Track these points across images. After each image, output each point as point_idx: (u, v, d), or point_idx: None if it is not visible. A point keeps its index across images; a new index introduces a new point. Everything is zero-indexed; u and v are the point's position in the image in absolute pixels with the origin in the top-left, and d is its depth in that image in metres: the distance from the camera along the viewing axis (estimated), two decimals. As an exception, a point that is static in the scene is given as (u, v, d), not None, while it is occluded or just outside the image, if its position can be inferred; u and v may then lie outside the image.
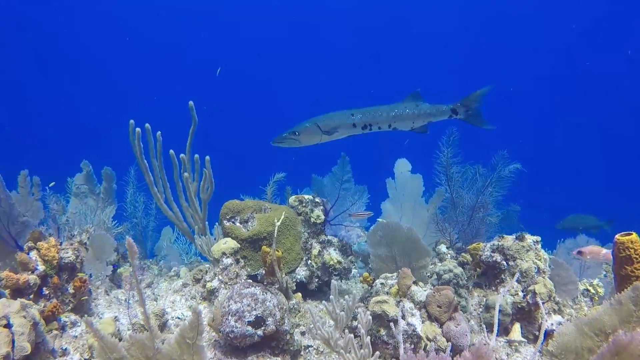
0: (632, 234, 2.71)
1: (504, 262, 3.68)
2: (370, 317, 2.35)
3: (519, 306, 3.52)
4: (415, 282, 3.34)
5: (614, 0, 27.35)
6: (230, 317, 3.27)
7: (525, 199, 6.44)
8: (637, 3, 27.34)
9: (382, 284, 3.47)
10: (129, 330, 3.47)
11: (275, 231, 3.75)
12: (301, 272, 4.33)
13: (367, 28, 32.69)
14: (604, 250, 3.76)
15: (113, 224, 5.32)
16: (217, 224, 4.40)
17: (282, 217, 3.89)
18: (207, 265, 4.10)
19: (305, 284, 4.35)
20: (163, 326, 3.40)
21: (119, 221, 5.95)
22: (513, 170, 4.66)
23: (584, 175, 29.81)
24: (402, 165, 5.53)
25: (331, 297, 2.53)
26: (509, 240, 3.79)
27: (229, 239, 4.01)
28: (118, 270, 5.15)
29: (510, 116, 31.52)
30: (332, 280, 2.58)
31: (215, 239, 4.14)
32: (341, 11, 32.02)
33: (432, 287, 3.62)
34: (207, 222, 5.01)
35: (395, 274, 3.54)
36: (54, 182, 5.48)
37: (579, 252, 3.78)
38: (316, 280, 4.36)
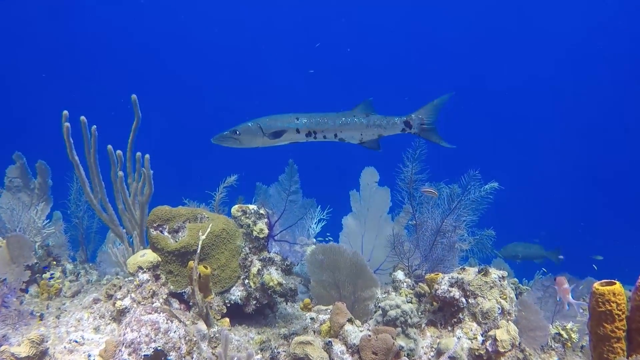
0: (614, 283, 2.05)
1: (463, 300, 3.01)
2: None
3: (477, 354, 2.85)
4: (350, 320, 2.67)
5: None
6: (123, 349, 2.60)
7: (503, 222, 5.77)
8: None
9: (312, 318, 2.81)
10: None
11: (199, 246, 3.08)
12: (237, 293, 3.66)
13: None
14: (566, 285, 3.11)
15: (45, 223, 4.64)
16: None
17: (209, 229, 3.22)
18: (125, 279, 3.43)
19: (241, 306, 3.68)
20: (42, 355, 2.72)
21: (63, 220, 5.30)
22: (490, 191, 4.02)
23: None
24: (369, 175, 4.88)
25: (219, 350, 1.85)
26: (470, 273, 3.12)
27: (148, 251, 3.34)
28: (44, 276, 4.49)
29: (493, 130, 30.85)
30: (224, 330, 1.90)
31: (134, 249, 3.48)
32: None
33: (375, 324, 2.96)
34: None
35: (331, 306, 2.87)
36: None
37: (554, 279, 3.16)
38: (254, 302, 3.68)
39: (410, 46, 32.28)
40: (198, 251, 3.08)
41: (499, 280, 3.04)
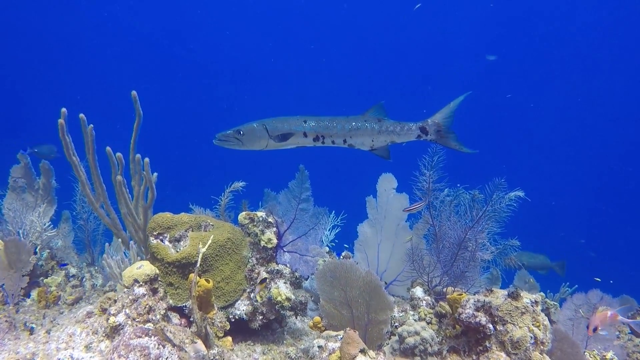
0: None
1: (490, 326, 2.62)
2: None
3: (505, 389, 2.47)
4: (363, 351, 2.30)
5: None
6: (109, 377, 2.27)
7: (527, 231, 5.34)
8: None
9: (320, 347, 2.44)
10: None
11: (199, 259, 2.74)
12: (242, 307, 3.32)
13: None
14: (609, 313, 2.73)
15: (47, 225, 4.35)
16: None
17: (210, 240, 2.87)
18: (121, 293, 3.11)
19: (246, 321, 3.34)
20: (18, 382, 2.41)
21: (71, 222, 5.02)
22: (514, 199, 3.61)
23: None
24: (387, 182, 4.49)
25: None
26: (498, 296, 2.73)
27: (145, 263, 3.01)
28: (45, 281, 4.20)
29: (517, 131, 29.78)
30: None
31: (130, 259, 3.16)
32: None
33: (391, 352, 2.59)
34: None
35: (341, 332, 2.51)
36: None
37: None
38: (260, 317, 3.34)
39: (422, 46, 31.47)
40: (197, 265, 2.74)
41: (532, 306, 2.65)
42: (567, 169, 29.44)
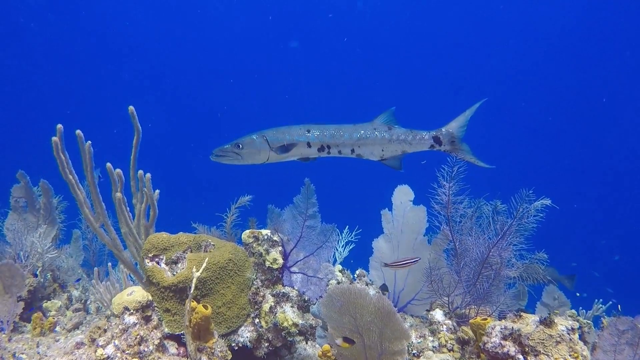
0: None
1: (520, 357, 2.27)
2: None
3: None
4: (373, 391, 1.98)
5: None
6: (87, 422, 2.00)
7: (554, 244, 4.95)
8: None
9: (325, 385, 2.12)
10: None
11: (193, 285, 2.47)
12: (245, 334, 3.02)
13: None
14: None
15: (49, 246, 4.13)
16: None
17: (204, 264, 2.60)
18: (114, 321, 2.85)
19: (250, 349, 3.04)
20: None
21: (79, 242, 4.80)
22: (540, 209, 3.26)
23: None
24: (403, 194, 4.16)
25: None
26: (528, 322, 2.38)
27: (136, 289, 2.75)
28: (44, 305, 3.98)
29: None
30: None
31: (121, 284, 2.90)
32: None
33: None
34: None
35: (350, 367, 2.19)
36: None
37: None
38: (266, 344, 3.04)
39: (432, 48, 30.77)
40: (191, 291, 2.47)
41: (568, 334, 2.29)
42: (597, 174, 28.49)
